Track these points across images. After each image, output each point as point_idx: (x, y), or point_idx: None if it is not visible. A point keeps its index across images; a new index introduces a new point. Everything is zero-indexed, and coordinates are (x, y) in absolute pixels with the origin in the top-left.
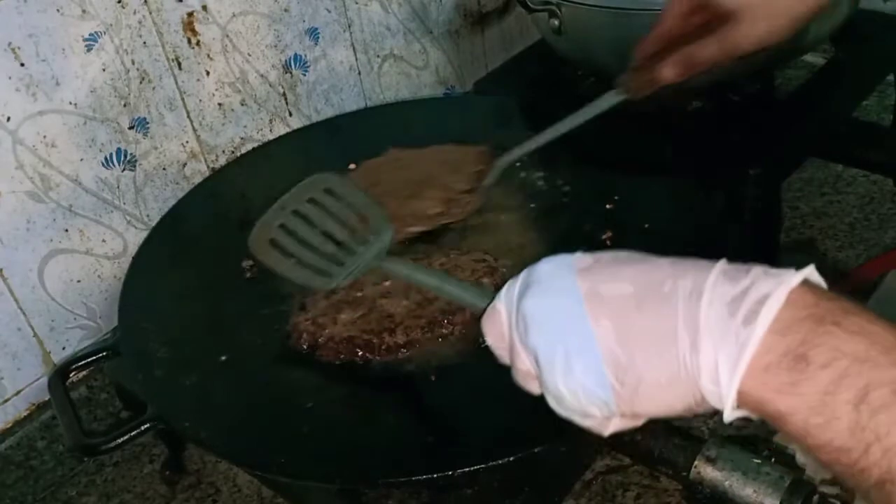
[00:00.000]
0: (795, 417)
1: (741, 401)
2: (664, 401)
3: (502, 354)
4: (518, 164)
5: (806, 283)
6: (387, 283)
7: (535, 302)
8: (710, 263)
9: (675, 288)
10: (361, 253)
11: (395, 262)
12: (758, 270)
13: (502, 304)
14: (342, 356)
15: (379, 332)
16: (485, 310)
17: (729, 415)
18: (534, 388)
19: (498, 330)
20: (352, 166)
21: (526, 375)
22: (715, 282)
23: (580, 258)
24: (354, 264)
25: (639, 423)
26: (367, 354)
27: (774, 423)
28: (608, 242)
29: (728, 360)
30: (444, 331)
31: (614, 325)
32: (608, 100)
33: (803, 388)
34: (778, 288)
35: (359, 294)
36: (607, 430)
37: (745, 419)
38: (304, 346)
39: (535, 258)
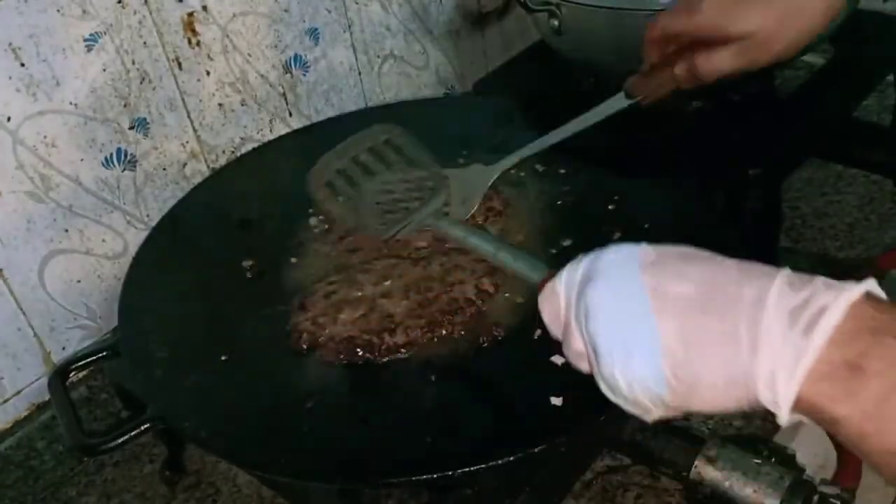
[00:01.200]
0: (850, 424)
1: (797, 406)
2: (717, 400)
3: (556, 332)
4: (514, 169)
5: (866, 295)
6: (387, 283)
7: (599, 293)
8: (775, 270)
9: (739, 294)
10: (416, 209)
11: (451, 224)
12: (818, 282)
13: (562, 288)
14: (342, 356)
15: (379, 332)
16: (541, 285)
17: (784, 420)
18: (584, 367)
19: (555, 310)
20: None
21: (578, 355)
22: (779, 291)
23: (645, 251)
24: (409, 219)
25: (681, 414)
26: (367, 354)
27: (829, 428)
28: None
29: (786, 369)
30: (443, 331)
31: (678, 325)
32: (614, 104)
33: (858, 396)
34: (837, 300)
35: (359, 294)
36: (652, 418)
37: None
38: (304, 346)
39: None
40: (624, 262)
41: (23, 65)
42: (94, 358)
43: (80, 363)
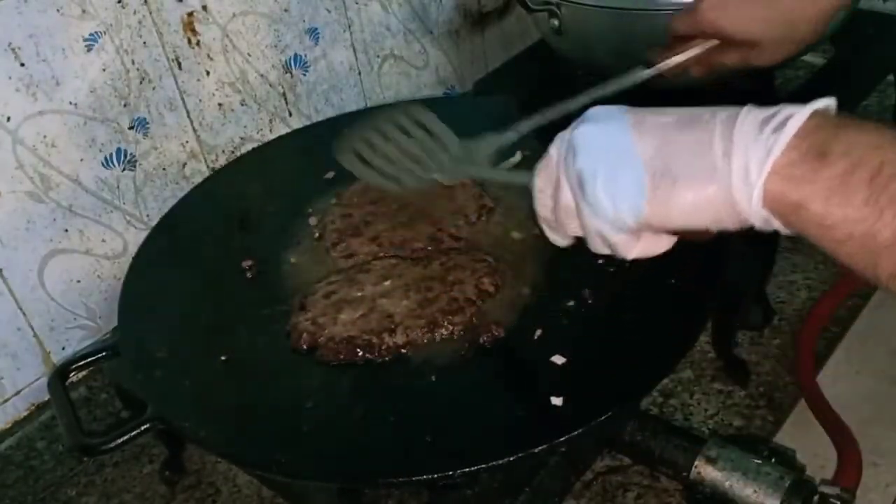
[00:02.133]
0: (815, 202)
1: (767, 200)
2: (695, 204)
3: (546, 200)
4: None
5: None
6: (387, 283)
7: (585, 129)
8: None
9: (713, 116)
10: (432, 169)
11: (458, 171)
12: (784, 105)
13: (554, 147)
14: (342, 356)
15: (379, 332)
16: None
17: (755, 208)
18: (573, 226)
19: (548, 172)
20: (330, 175)
21: (567, 212)
22: (749, 109)
23: (631, 107)
24: (427, 174)
25: (660, 248)
26: (367, 354)
27: (795, 217)
28: None
29: (757, 158)
30: (443, 331)
31: (656, 142)
32: (636, 75)
33: (823, 173)
34: (803, 109)
35: (359, 294)
36: (632, 251)
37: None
38: (304, 346)
39: (535, 258)
40: (611, 109)
41: (23, 65)
42: (94, 358)
43: (80, 363)
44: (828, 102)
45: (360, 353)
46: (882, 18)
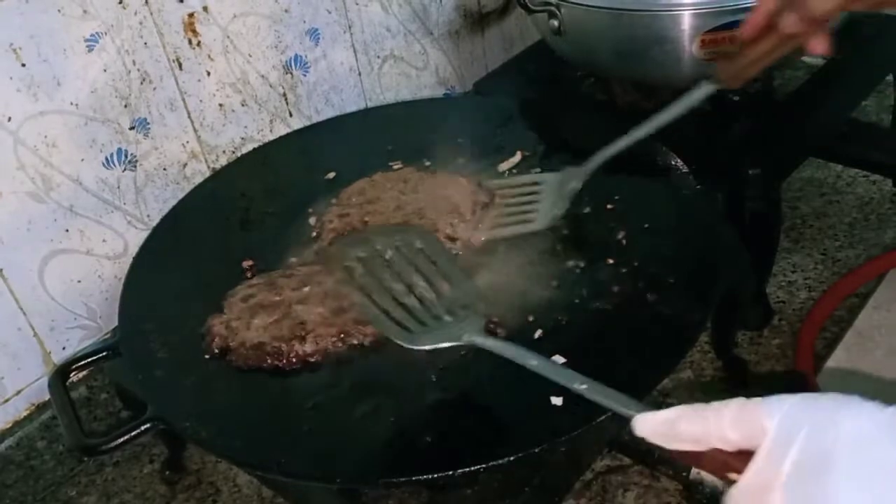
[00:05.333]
0: None
1: None
2: None
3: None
4: (515, 169)
5: None
6: (305, 289)
7: (852, 435)
8: None
9: None
10: (449, 323)
11: (506, 345)
12: None
13: (774, 421)
14: (251, 363)
15: (289, 339)
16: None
17: None
18: None
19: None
20: (330, 175)
21: None
22: None
23: None
24: (444, 332)
25: None
26: (276, 362)
27: None
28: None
29: None
30: (355, 341)
31: None
32: (701, 91)
33: None
34: None
35: (276, 298)
36: None
37: None
38: (216, 350)
39: (535, 257)
40: (883, 440)
41: (24, 65)
42: (94, 358)
43: (80, 363)
44: None
45: (269, 361)
46: (881, 18)
